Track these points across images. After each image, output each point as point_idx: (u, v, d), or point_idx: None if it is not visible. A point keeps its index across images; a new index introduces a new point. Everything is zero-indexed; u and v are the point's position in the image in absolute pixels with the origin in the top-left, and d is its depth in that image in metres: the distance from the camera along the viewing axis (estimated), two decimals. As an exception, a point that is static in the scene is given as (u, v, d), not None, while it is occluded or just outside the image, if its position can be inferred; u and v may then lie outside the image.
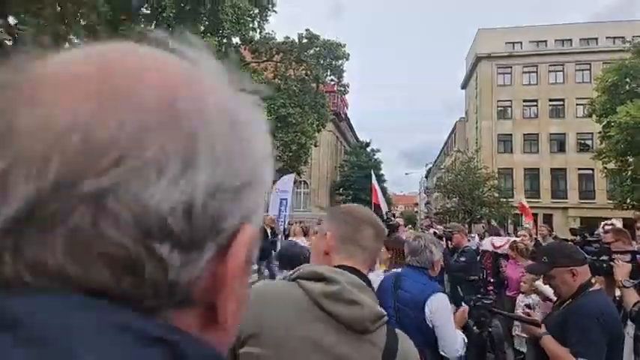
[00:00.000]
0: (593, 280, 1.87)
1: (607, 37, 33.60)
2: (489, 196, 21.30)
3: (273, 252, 8.42)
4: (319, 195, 38.38)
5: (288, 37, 19.53)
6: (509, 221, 23.23)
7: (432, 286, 2.39)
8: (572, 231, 5.62)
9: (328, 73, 20.57)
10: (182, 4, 13.83)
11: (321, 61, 19.67)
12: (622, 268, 2.01)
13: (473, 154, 26.97)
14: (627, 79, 15.82)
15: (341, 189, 39.93)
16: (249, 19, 16.72)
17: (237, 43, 17.91)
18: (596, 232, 4.14)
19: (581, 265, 1.89)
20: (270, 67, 20.41)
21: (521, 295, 3.95)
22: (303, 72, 20.24)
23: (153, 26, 13.94)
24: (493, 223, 15.12)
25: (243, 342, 0.99)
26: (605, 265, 2.24)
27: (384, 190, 43.54)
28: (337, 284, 1.03)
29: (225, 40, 16.12)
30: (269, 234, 8.58)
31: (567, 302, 1.86)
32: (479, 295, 2.61)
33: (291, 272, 1.12)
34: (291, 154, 18.42)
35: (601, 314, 1.73)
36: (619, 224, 3.85)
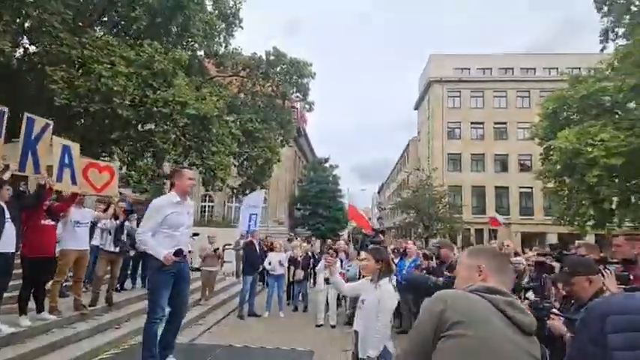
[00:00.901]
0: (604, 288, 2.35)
1: (543, 68, 36.92)
2: (444, 212, 22.58)
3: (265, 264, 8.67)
4: (278, 209, 38.45)
5: (255, 54, 19.82)
6: (460, 236, 24.61)
7: None
8: (551, 246, 6.32)
9: (294, 90, 21.01)
10: (153, 17, 13.79)
11: (288, 78, 20.11)
12: (611, 278, 2.51)
13: (431, 172, 28.43)
14: (565, 108, 17.62)
15: (299, 204, 40.27)
16: (215, 33, 16.95)
17: (200, 56, 18.00)
18: (570, 247, 4.78)
19: (596, 274, 2.38)
20: (236, 81, 20.60)
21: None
22: (269, 88, 20.57)
23: (113, 35, 13.69)
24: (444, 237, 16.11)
25: (450, 326, 1.34)
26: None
27: (341, 206, 44.26)
28: (511, 297, 1.42)
29: (190, 53, 16.17)
30: (257, 248, 8.74)
31: (585, 306, 2.33)
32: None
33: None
34: (257, 168, 18.57)
35: None
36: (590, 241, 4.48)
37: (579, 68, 34.72)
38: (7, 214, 4.13)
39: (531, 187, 33.90)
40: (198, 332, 6.62)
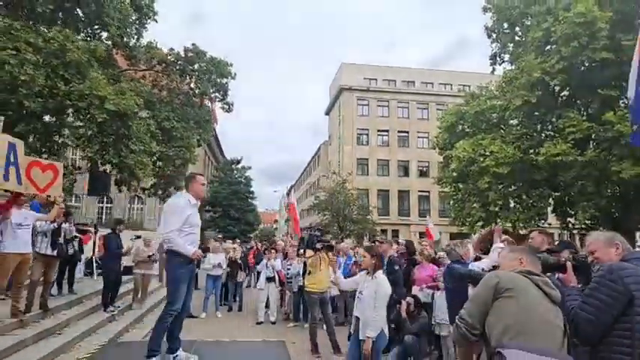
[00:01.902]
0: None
1: (439, 83, 40.97)
2: (358, 214, 24.00)
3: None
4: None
5: (173, 49, 19.09)
6: (368, 236, 26.28)
7: None
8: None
9: (213, 90, 20.63)
10: (62, 1, 12.70)
11: (207, 77, 19.70)
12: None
13: (347, 176, 29.84)
14: (461, 122, 19.99)
15: (208, 206, 39.16)
16: (127, 23, 16.04)
17: (109, 46, 16.89)
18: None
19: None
20: (149, 76, 19.60)
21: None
22: (187, 86, 19.93)
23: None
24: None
25: (503, 292, 1.94)
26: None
27: (254, 207, 43.91)
28: (544, 277, 2.01)
29: (98, 42, 15.13)
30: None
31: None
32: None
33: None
34: (174, 169, 17.87)
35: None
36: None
37: (469, 86, 39.39)
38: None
39: (429, 191, 37.45)
40: (146, 332, 6.41)
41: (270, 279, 7.96)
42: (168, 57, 18.78)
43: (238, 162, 43.59)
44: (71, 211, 6.62)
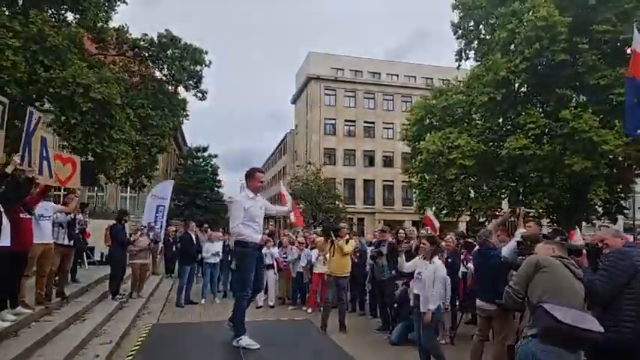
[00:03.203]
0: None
1: (404, 75, 42.09)
2: (330, 204, 24.64)
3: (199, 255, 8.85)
4: (149, 199, 36.11)
5: (146, 35, 18.69)
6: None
7: None
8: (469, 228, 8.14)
9: (186, 77, 20.40)
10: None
11: (181, 64, 19.46)
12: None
13: (321, 166, 30.29)
14: (429, 115, 20.98)
15: (173, 194, 38.48)
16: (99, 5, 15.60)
17: (76, 29, 16.37)
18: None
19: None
20: (120, 61, 19.12)
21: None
22: (160, 73, 19.60)
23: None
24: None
25: (541, 268, 2.53)
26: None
27: (221, 196, 43.60)
28: (571, 260, 2.62)
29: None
30: (193, 239, 8.85)
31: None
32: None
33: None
34: (149, 157, 17.67)
35: None
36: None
37: (432, 79, 40.89)
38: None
39: (393, 181, 38.79)
40: (156, 317, 6.66)
41: (268, 266, 8.39)
42: (141, 42, 18.38)
43: (204, 149, 42.92)
44: (87, 203, 6.73)
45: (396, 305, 6.29)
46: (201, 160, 42.79)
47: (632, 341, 2.77)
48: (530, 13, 15.91)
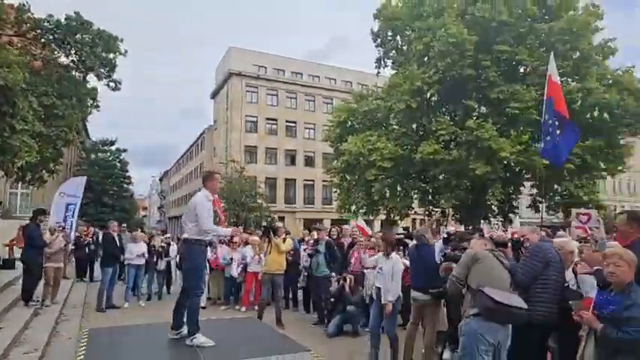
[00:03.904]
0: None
1: (325, 77, 43.14)
2: (253, 203, 24.41)
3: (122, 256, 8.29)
4: (46, 197, 32.86)
5: (52, 16, 17.03)
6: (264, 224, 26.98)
7: None
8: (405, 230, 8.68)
9: (97, 65, 18.95)
10: None
11: (92, 50, 18.02)
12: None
13: (245, 164, 29.79)
14: (352, 118, 21.90)
15: (76, 190, 35.25)
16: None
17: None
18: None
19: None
20: (19, 43, 17.18)
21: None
22: (67, 58, 17.96)
23: None
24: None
25: (477, 261, 2.98)
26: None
27: (131, 193, 40.84)
28: (500, 252, 3.14)
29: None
30: (116, 240, 8.27)
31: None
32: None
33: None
34: (54, 151, 16.07)
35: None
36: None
37: (351, 82, 42.53)
38: None
39: (313, 180, 39.63)
40: (77, 324, 6.18)
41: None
42: (45, 23, 16.67)
43: (112, 143, 39.94)
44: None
45: (332, 300, 6.64)
46: (108, 154, 39.77)
47: (544, 318, 3.43)
48: (443, 30, 17.39)
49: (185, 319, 4.16)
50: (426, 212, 23.24)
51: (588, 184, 18.31)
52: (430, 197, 21.79)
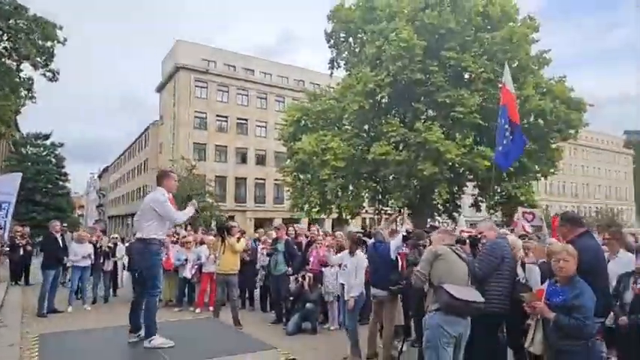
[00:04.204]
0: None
1: (278, 75, 42.84)
2: (204, 202, 23.73)
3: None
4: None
5: (-18, -1, 15.70)
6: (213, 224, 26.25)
7: None
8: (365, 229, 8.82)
9: (34, 53, 17.72)
10: None
11: (29, 37, 16.83)
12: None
13: (195, 162, 28.88)
14: (305, 117, 21.96)
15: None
16: None
17: None
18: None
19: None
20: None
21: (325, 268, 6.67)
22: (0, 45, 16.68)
23: None
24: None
25: (438, 257, 3.15)
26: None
27: (67, 191, 38.30)
28: (457, 247, 3.32)
29: None
30: (59, 241, 7.71)
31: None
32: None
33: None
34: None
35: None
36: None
37: (304, 81, 42.63)
38: None
39: (265, 179, 39.29)
40: (18, 331, 5.71)
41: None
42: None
43: (46, 137, 37.24)
44: None
45: (291, 298, 6.67)
46: (42, 148, 37.07)
47: (498, 310, 3.73)
48: (394, 34, 17.93)
49: (142, 320, 4.04)
50: (376, 211, 23.87)
51: (524, 185, 19.66)
52: (380, 196, 22.40)
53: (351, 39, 22.75)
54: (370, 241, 5.82)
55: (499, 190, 20.22)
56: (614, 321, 4.15)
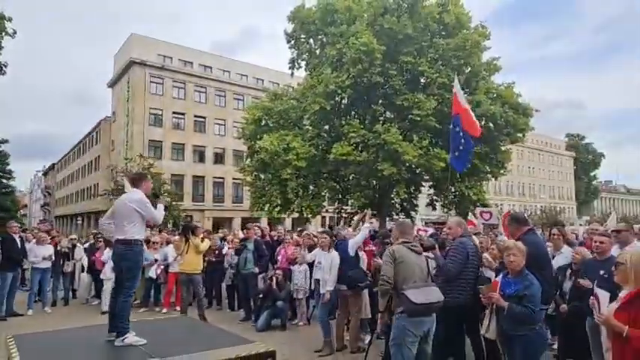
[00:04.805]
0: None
1: (236, 73, 42.33)
2: (166, 202, 23.07)
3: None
4: None
5: None
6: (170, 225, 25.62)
7: None
8: (331, 228, 9.03)
9: (-21, 45, 16.71)
10: None
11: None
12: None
13: (154, 160, 28.07)
14: (266, 117, 21.95)
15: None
16: None
17: None
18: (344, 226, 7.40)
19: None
20: None
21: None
22: None
23: None
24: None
25: (397, 260, 3.44)
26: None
27: (12, 189, 36.00)
28: (413, 242, 3.59)
29: None
30: (18, 241, 7.37)
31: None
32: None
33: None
34: None
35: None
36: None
37: (263, 80, 42.46)
38: None
39: (223, 178, 38.76)
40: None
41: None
42: None
43: (-13, 132, 34.74)
44: None
45: (261, 296, 6.84)
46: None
47: (465, 302, 4.14)
48: (355, 38, 18.38)
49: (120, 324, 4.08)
50: (337, 211, 24.31)
51: (476, 186, 20.79)
52: (340, 196, 22.84)
53: (311, 40, 22.99)
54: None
55: (453, 190, 21.25)
56: (554, 309, 4.70)
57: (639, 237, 5.64)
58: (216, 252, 8.08)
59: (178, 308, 7.93)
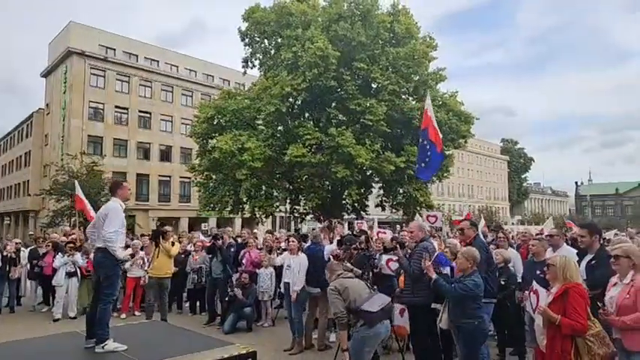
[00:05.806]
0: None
1: (185, 68, 41.02)
2: (104, 200, 21.84)
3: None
4: None
5: None
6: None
7: None
8: (297, 232, 9.16)
9: None
10: None
11: None
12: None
13: (99, 158, 26.56)
14: (220, 116, 21.61)
15: None
16: None
17: None
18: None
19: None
20: None
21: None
22: None
23: None
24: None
25: (342, 291, 4.06)
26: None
27: None
28: (347, 265, 4.39)
29: None
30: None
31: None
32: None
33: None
34: None
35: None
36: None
37: (213, 77, 41.61)
38: None
39: (170, 176, 37.48)
40: None
41: (71, 274, 7.50)
42: None
43: None
44: None
45: (227, 299, 6.93)
46: None
47: (427, 299, 4.54)
48: (310, 42, 18.69)
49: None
50: (290, 211, 24.50)
51: (423, 188, 21.89)
52: (293, 197, 23.06)
53: (266, 41, 23.00)
54: (305, 245, 6.39)
55: (401, 192, 22.23)
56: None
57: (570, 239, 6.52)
58: (183, 256, 8.04)
59: (137, 313, 7.79)
